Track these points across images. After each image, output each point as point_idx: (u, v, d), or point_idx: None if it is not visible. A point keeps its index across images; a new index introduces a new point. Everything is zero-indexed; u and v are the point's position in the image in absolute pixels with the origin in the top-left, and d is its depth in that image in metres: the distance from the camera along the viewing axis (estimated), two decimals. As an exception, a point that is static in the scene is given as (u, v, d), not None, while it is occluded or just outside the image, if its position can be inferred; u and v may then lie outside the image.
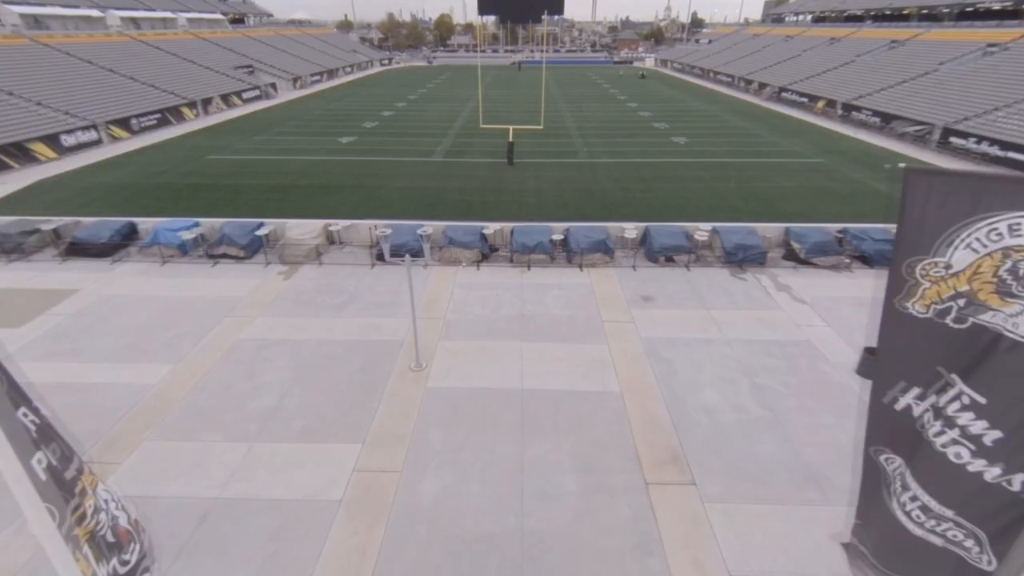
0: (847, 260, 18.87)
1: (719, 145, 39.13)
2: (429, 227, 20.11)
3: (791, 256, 19.16)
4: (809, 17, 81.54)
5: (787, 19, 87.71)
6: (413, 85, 73.64)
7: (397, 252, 18.50)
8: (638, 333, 14.81)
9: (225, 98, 53.12)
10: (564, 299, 16.56)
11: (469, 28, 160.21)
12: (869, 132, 43.22)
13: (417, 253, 18.86)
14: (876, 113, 43.72)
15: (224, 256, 19.23)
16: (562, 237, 19.56)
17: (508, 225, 20.46)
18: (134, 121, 42.11)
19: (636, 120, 48.64)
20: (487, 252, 19.42)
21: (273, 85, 61.49)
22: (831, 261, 18.69)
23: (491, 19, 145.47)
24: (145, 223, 20.97)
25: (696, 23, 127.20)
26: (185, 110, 47.73)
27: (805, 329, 15.04)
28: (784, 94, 56.76)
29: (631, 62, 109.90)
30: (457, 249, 18.96)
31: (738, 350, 14.08)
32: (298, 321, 15.43)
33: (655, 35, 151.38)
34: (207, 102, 50.58)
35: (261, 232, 19.41)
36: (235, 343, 14.42)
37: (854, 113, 46.24)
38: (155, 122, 44.10)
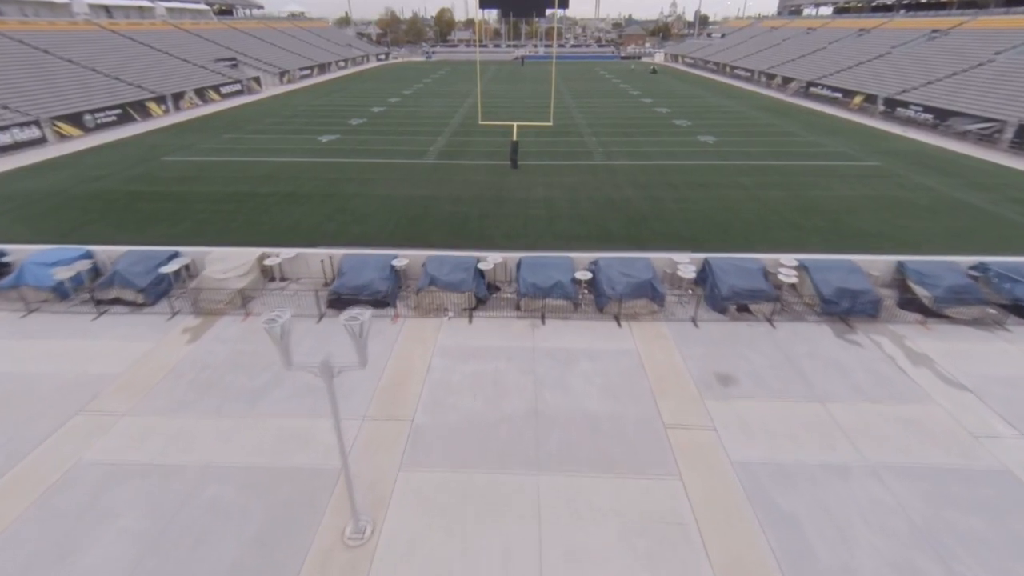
0: (993, 311, 12.95)
1: (754, 145, 33.10)
2: (405, 258, 14.26)
3: (912, 304, 13.23)
4: (830, 8, 75.14)
5: (805, 11, 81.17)
6: (409, 80, 67.54)
7: (351, 297, 12.68)
8: (726, 451, 8.93)
9: (200, 92, 47.13)
10: (601, 379, 10.67)
11: (470, 24, 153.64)
12: (920, 130, 37.14)
13: (381, 301, 13.02)
14: (928, 109, 37.59)
15: (116, 302, 13.37)
16: (589, 275, 13.66)
17: (513, 256, 14.57)
18: (88, 117, 36.20)
19: (654, 117, 42.59)
20: (483, 295, 13.54)
21: (257, 79, 55.45)
22: (974, 313, 12.76)
23: (493, 15, 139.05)
24: (21, 252, 15.06)
25: (701, 21, 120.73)
26: (152, 105, 41.78)
27: (990, 445, 9.13)
28: (813, 89, 50.58)
29: (639, 57, 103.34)
30: (442, 292, 13.10)
31: (898, 491, 8.20)
32: (183, 424, 9.56)
33: (662, 30, 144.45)
34: (178, 97, 44.62)
35: (168, 269, 13.52)
36: (67, 474, 8.56)
37: (899, 109, 40.11)
38: (114, 118, 38.18)
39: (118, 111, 38.69)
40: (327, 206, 22.62)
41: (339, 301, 13.07)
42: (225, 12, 75.72)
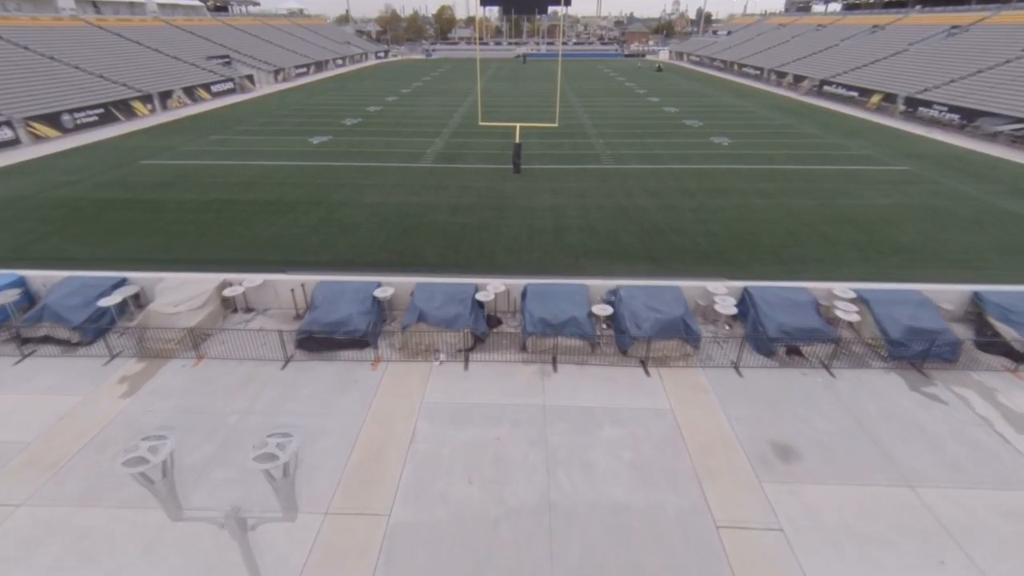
0: (1094, 353, 10.66)
1: (772, 148, 30.80)
2: (389, 287, 12.01)
3: (996, 347, 10.95)
4: (840, 5, 72.57)
5: (814, 8, 78.46)
6: (408, 79, 65.16)
7: (325, 336, 10.47)
8: (800, 565, 6.69)
9: (189, 91, 44.83)
10: (630, 453, 8.42)
11: (471, 21, 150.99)
12: (945, 131, 34.77)
13: (359, 340, 10.79)
14: (953, 109, 35.22)
15: (47, 341, 11.14)
16: (609, 309, 11.38)
17: (517, 283, 12.32)
18: (67, 117, 33.95)
19: (663, 117, 40.25)
20: (482, 333, 11.28)
21: (250, 77, 53.10)
22: (1073, 357, 10.50)
23: (494, 13, 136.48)
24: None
25: (703, 18, 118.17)
26: (137, 105, 39.51)
27: None
28: (827, 87, 48.19)
29: (644, 55, 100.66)
30: (432, 329, 10.86)
31: (1046, 635, 5.99)
32: (94, 521, 7.34)
33: (665, 28, 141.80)
34: (166, 96, 42.35)
35: (109, 301, 11.28)
36: (-73, 599, 6.38)
37: (921, 109, 37.75)
38: (96, 118, 35.94)
39: (100, 111, 36.45)
40: (312, 216, 20.44)
41: (310, 341, 10.83)
42: (220, 9, 73.19)
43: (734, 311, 11.10)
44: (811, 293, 11.43)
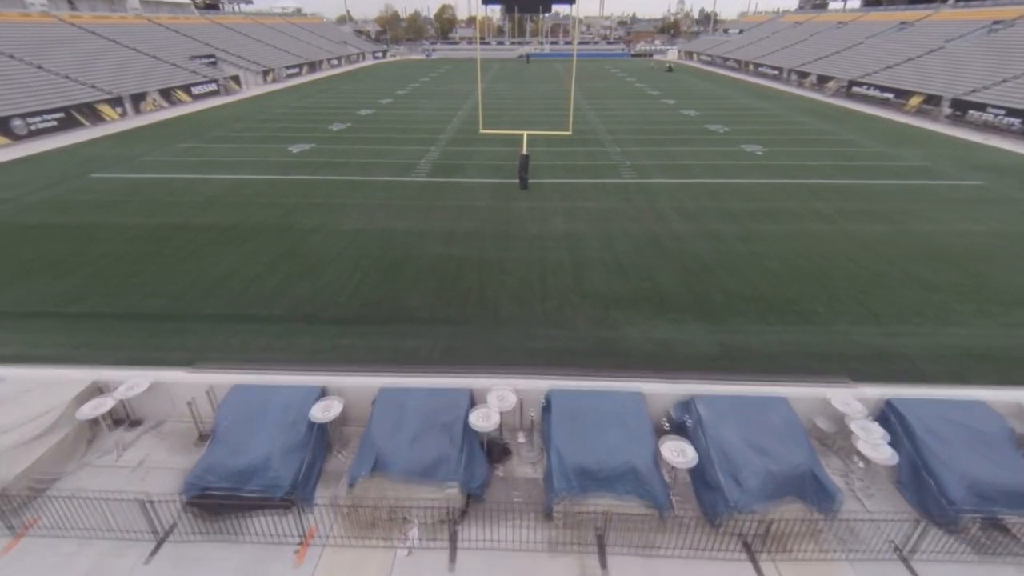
0: None
1: (813, 158, 26.43)
2: (337, 398, 7.68)
3: None
4: (858, 1, 67.88)
5: (831, 5, 73.78)
6: (405, 79, 60.77)
7: (228, 493, 6.17)
8: None
9: (166, 93, 40.57)
10: None
11: (472, 21, 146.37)
12: (1004, 137, 30.34)
13: (283, 501, 6.49)
14: (1013, 112, 30.79)
15: None
16: (690, 453, 6.98)
17: (534, 387, 7.98)
18: (19, 122, 29.73)
19: (683, 121, 35.87)
20: (479, 486, 6.93)
21: (236, 78, 48.78)
22: None
23: (496, 12, 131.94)
24: None
25: (706, 18, 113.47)
26: (105, 108, 35.25)
27: None
28: (856, 89, 43.73)
29: (651, 55, 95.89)
30: (399, 491, 6.55)
31: None
32: None
33: (671, 27, 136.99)
34: (139, 98, 38.08)
35: None
36: None
37: (972, 112, 33.30)
38: (55, 124, 31.69)
39: (60, 115, 32.20)
40: (275, 247, 16.27)
41: (205, 499, 6.53)
42: (211, 7, 68.71)
43: (891, 457, 6.66)
44: (997, 413, 7.07)
